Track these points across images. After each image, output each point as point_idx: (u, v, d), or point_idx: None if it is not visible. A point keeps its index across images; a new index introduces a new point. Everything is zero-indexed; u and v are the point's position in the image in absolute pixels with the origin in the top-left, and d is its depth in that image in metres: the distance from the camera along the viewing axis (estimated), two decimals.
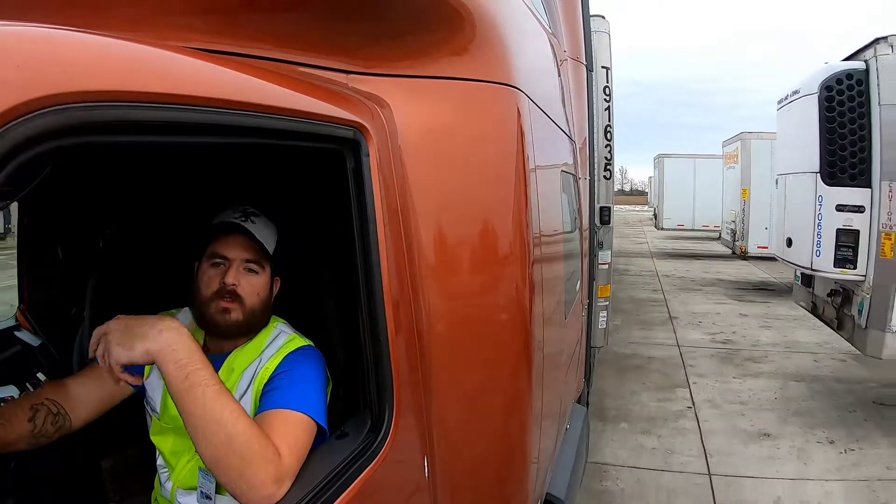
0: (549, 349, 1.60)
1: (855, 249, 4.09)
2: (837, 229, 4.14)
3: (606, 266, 4.35)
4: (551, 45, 2.22)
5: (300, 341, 1.27)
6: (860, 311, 4.14)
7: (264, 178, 1.54)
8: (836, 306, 4.55)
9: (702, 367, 5.78)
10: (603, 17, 4.29)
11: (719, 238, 14.79)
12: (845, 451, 3.91)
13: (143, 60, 0.77)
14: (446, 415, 1.25)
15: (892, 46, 3.95)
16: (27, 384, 1.62)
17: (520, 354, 1.35)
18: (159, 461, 1.31)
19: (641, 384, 5.27)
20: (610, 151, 4.38)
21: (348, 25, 1.17)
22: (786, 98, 4.92)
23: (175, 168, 1.57)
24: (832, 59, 4.34)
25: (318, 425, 1.12)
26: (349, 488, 1.02)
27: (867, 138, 3.95)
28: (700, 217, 15.60)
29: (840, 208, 4.13)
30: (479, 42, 1.27)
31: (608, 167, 4.38)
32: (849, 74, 4.08)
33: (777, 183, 5.33)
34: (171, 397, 1.01)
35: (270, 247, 1.28)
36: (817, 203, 4.25)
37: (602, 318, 4.35)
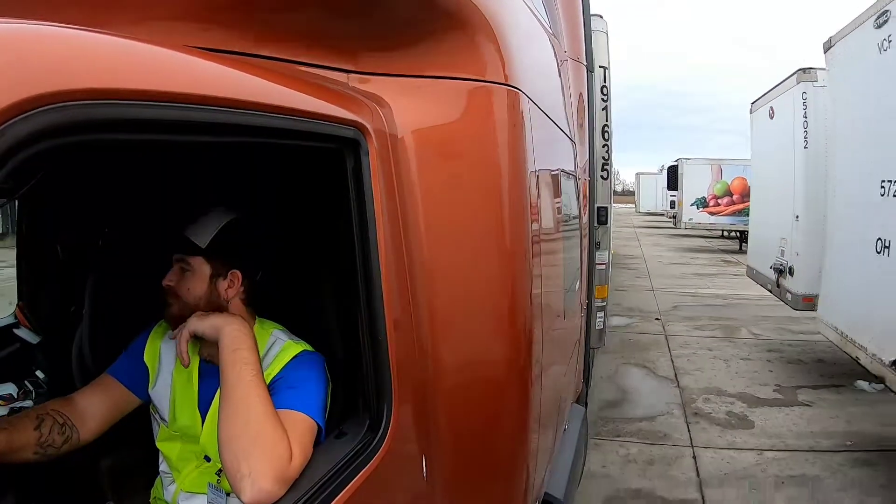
0: (549, 349, 1.60)
1: (675, 203, 20.46)
2: (670, 199, 22.25)
3: (603, 266, 4.33)
4: (552, 45, 2.22)
5: (297, 347, 1.25)
6: (678, 217, 19.87)
7: (264, 177, 1.54)
8: (675, 218, 20.76)
9: (646, 247, 19.18)
10: (601, 17, 4.28)
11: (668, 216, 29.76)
12: (698, 261, 15.58)
13: (142, 58, 0.77)
14: (445, 414, 1.25)
15: (677, 162, 19.41)
16: (26, 382, 1.62)
17: (520, 354, 1.35)
18: (163, 466, 1.30)
19: (622, 243, 19.37)
20: (607, 151, 4.36)
21: (349, 25, 1.17)
22: (660, 169, 26.21)
23: (175, 167, 1.56)
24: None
25: (319, 428, 1.12)
26: (347, 487, 1.02)
27: (676, 179, 19.43)
28: (659, 205, 28.79)
29: (671, 195, 21.35)
30: (480, 42, 1.27)
31: (605, 167, 4.36)
32: (673, 166, 19.63)
33: (662, 190, 25.25)
34: (220, 369, 1.11)
35: (202, 239, 1.24)
36: (667, 194, 22.93)
37: (599, 319, 4.33)
